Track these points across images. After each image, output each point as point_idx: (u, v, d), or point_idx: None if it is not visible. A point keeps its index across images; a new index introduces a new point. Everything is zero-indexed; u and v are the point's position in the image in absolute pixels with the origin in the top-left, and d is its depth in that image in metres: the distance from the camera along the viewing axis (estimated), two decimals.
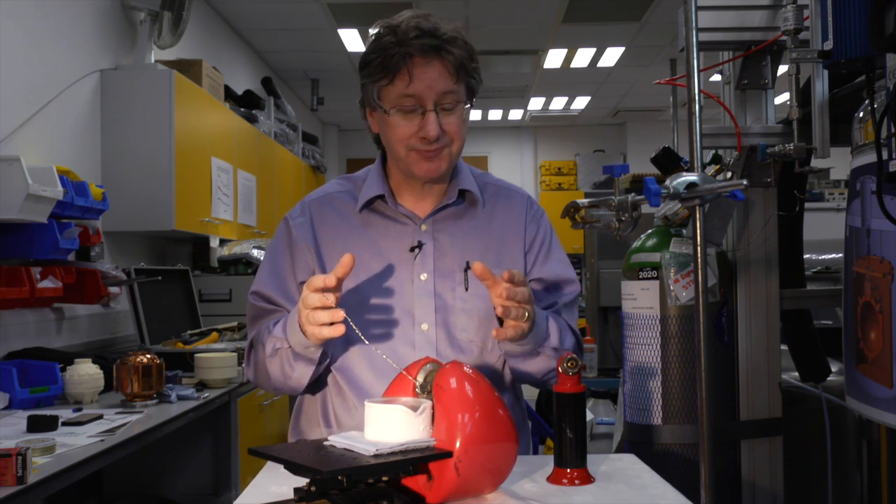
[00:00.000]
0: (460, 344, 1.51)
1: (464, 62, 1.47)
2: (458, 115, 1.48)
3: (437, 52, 1.44)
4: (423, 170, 1.49)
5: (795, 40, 2.04)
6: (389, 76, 1.45)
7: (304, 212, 1.60)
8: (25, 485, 1.73)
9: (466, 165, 1.63)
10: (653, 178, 1.70)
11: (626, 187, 4.65)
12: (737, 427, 2.26)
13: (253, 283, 1.60)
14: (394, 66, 1.43)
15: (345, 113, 9.11)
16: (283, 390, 1.55)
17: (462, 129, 1.50)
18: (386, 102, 1.47)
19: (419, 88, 1.44)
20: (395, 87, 1.45)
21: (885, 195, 1.65)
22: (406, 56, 1.43)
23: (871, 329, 1.81)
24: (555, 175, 10.26)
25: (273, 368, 1.50)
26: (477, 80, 1.53)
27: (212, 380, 3.09)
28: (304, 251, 1.56)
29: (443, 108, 1.46)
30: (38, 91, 3.19)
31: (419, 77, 1.43)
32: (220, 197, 4.45)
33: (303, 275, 1.55)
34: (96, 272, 3.23)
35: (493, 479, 1.20)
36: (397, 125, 1.47)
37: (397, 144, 1.49)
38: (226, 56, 5.75)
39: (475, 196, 1.59)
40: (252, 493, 1.25)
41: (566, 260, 1.65)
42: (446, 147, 1.49)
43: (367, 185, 1.58)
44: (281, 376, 1.50)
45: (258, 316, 1.59)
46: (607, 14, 5.96)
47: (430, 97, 1.44)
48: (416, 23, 1.44)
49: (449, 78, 1.45)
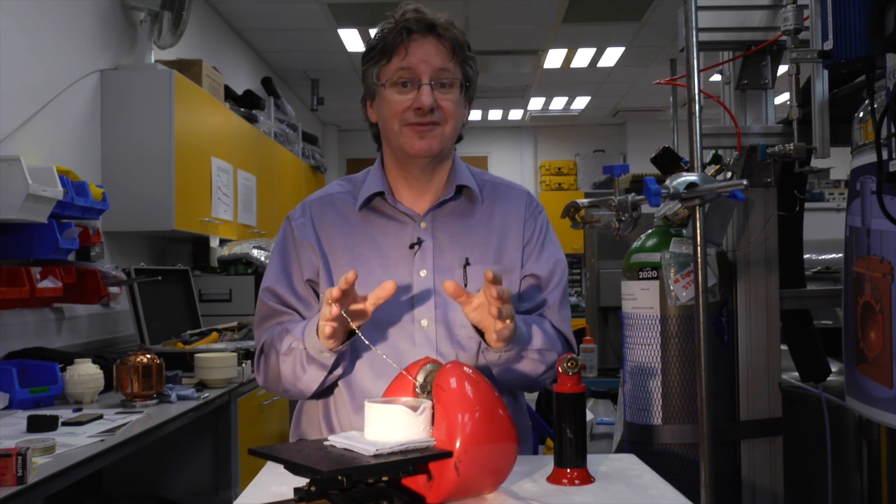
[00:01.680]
0: (460, 340, 1.51)
1: (460, 44, 1.51)
2: (453, 95, 1.51)
3: (432, 29, 1.49)
4: (416, 147, 1.50)
5: (795, 40, 2.04)
6: (388, 55, 1.49)
7: (305, 212, 1.62)
8: (25, 485, 1.74)
9: (464, 164, 1.63)
10: (653, 178, 1.70)
11: (626, 187, 4.65)
12: (737, 427, 2.26)
13: (264, 279, 1.61)
14: (391, 44, 1.49)
15: (345, 113, 9.11)
16: (292, 393, 1.55)
17: (456, 112, 1.52)
18: (383, 79, 1.51)
19: (414, 62, 1.48)
20: (392, 63, 1.49)
21: (885, 195, 1.64)
22: (403, 32, 1.48)
23: (871, 329, 1.81)
24: (555, 175, 10.26)
25: (285, 368, 1.50)
26: (473, 70, 1.55)
27: (212, 380, 3.09)
28: (308, 250, 1.57)
29: (439, 83, 1.49)
30: (38, 91, 3.19)
31: (414, 52, 1.48)
32: (220, 197, 4.45)
33: (308, 273, 1.57)
34: (96, 272, 3.23)
35: (493, 479, 1.20)
36: (392, 99, 1.50)
37: (392, 119, 1.51)
38: (226, 56, 5.75)
39: (474, 193, 1.59)
40: (252, 493, 1.25)
41: (557, 245, 1.64)
42: (439, 125, 1.50)
43: (367, 183, 1.59)
44: (291, 377, 1.50)
45: (269, 316, 1.59)
46: (607, 14, 5.96)
47: (426, 71, 1.48)
48: (414, 7, 1.51)
49: (445, 55, 1.49)
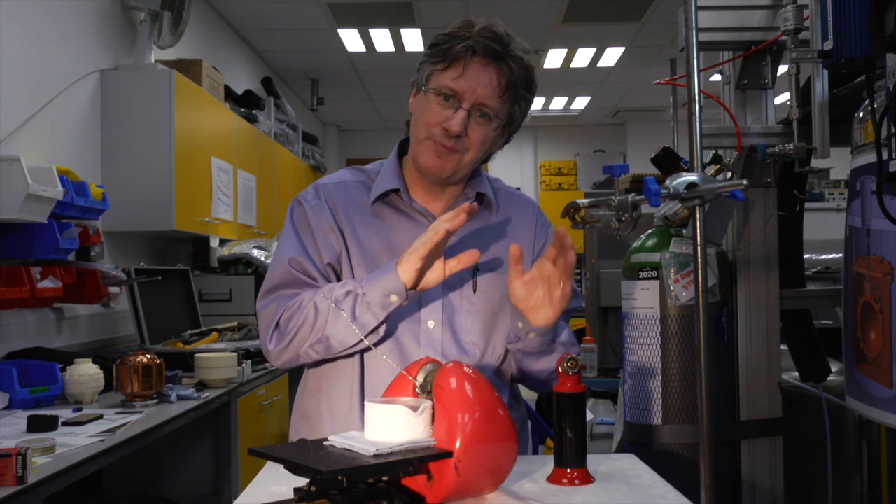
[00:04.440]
0: (463, 345, 1.52)
1: (518, 83, 1.47)
2: (487, 129, 1.49)
3: (497, 59, 1.45)
4: (430, 163, 1.49)
5: (795, 40, 2.04)
6: (447, 62, 1.46)
7: (319, 194, 1.57)
8: (25, 485, 1.74)
9: (483, 172, 1.64)
10: (653, 178, 1.70)
11: (626, 187, 4.64)
12: (737, 427, 2.26)
13: (282, 252, 1.52)
14: (454, 55, 1.45)
15: (345, 113, 9.10)
16: (331, 341, 1.44)
17: (482, 146, 1.50)
18: (432, 83, 1.48)
19: (464, 85, 1.45)
20: (447, 74, 1.46)
21: (885, 195, 1.64)
22: (469, 49, 1.44)
23: (871, 329, 1.81)
24: (555, 175, 10.26)
25: (333, 318, 1.41)
26: (521, 111, 1.52)
27: (212, 380, 3.09)
28: (329, 232, 1.52)
29: (478, 113, 1.46)
30: (38, 91, 3.19)
31: (470, 74, 1.45)
32: (220, 197, 4.45)
33: (329, 256, 1.52)
34: (96, 272, 3.23)
35: (493, 479, 1.20)
36: (430, 108, 1.48)
37: (421, 127, 1.49)
38: (226, 56, 5.75)
39: (490, 200, 1.60)
40: (252, 493, 1.24)
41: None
42: (460, 152, 1.49)
43: (381, 177, 1.57)
44: (339, 324, 1.41)
45: (289, 284, 1.50)
46: (607, 14, 5.96)
47: (470, 98, 1.45)
48: (492, 25, 1.46)
49: (497, 89, 1.46)
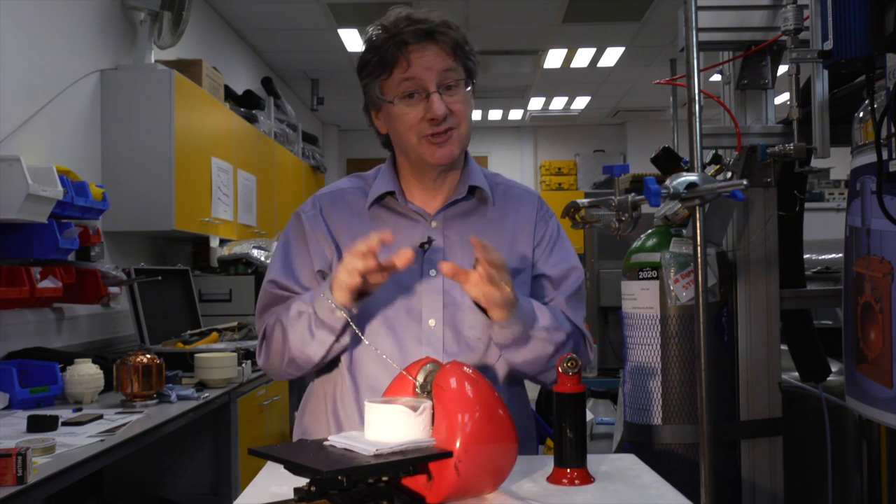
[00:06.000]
0: (467, 341, 1.51)
1: (459, 42, 1.49)
2: (461, 95, 1.50)
3: (430, 36, 1.46)
4: (437, 156, 1.49)
5: (795, 40, 2.04)
6: (388, 69, 1.47)
7: (315, 205, 1.61)
8: (25, 485, 1.74)
9: (477, 165, 1.63)
10: (653, 178, 1.70)
11: (626, 187, 4.64)
12: (737, 427, 2.26)
13: (268, 273, 1.60)
14: (390, 58, 1.46)
15: (345, 113, 9.10)
16: (299, 361, 1.51)
17: (468, 111, 1.51)
18: (388, 94, 1.49)
19: (418, 71, 1.46)
20: (395, 76, 1.47)
21: (885, 195, 1.65)
22: (400, 45, 1.45)
23: (871, 329, 1.81)
24: (555, 175, 10.26)
25: (294, 335, 1.48)
26: (474, 63, 1.53)
27: (212, 380, 3.09)
28: (321, 241, 1.56)
29: (446, 87, 1.47)
30: (38, 91, 3.19)
31: (416, 62, 1.45)
32: (220, 197, 4.45)
33: (320, 264, 1.55)
34: (96, 272, 3.23)
35: (493, 479, 1.20)
36: (403, 113, 1.48)
37: (407, 133, 1.49)
38: (226, 56, 5.74)
39: (485, 194, 1.59)
40: (252, 493, 1.25)
41: (572, 251, 1.64)
42: (455, 129, 1.49)
43: (377, 181, 1.58)
44: (300, 342, 1.48)
45: (272, 303, 1.58)
46: (607, 14, 5.96)
47: (431, 78, 1.46)
48: (405, 14, 1.48)
49: (447, 57, 1.47)
